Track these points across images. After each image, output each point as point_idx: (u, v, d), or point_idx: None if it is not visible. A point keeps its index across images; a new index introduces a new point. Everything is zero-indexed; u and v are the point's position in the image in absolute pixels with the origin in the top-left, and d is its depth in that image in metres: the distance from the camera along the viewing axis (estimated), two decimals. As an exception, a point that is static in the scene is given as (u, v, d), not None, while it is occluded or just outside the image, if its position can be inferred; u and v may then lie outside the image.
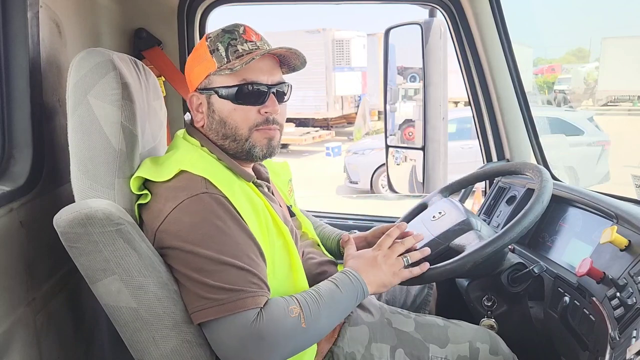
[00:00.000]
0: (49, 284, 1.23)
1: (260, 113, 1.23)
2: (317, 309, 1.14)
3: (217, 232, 1.09)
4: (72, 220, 1.05)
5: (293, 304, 1.13)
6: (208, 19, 2.15)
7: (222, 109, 1.23)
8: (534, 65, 21.92)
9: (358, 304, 1.26)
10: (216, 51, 1.22)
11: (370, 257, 1.31)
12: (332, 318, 1.19)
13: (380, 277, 1.28)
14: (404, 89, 3.21)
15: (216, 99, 1.23)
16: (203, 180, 1.13)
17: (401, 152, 2.67)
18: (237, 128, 1.23)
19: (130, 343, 1.12)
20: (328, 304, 1.17)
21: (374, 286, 1.27)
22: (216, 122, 1.24)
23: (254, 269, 1.10)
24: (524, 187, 1.83)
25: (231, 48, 1.21)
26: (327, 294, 1.18)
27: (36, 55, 1.23)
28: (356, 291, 1.22)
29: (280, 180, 1.50)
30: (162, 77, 2.00)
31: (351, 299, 1.22)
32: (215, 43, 1.22)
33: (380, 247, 1.33)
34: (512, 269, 1.51)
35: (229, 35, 1.23)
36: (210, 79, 1.23)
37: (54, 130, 1.31)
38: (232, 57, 1.21)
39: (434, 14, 2.21)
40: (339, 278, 1.23)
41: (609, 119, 13.64)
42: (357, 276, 1.24)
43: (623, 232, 1.30)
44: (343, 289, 1.20)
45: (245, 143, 1.23)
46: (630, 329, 1.06)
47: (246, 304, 1.07)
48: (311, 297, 1.16)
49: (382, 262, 1.29)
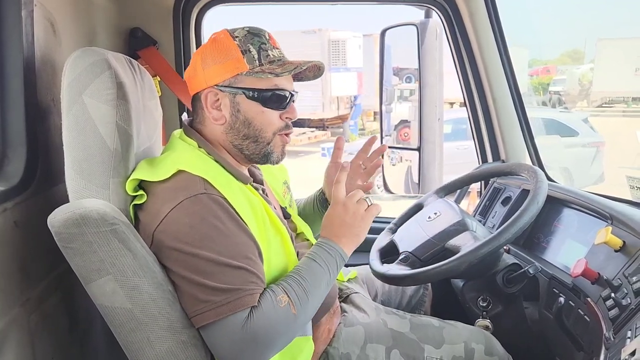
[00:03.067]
0: (43, 284, 1.22)
1: (282, 118, 1.26)
2: (304, 292, 1.14)
3: (217, 233, 1.08)
4: (67, 220, 1.04)
5: (280, 293, 1.12)
6: (204, 19, 2.15)
7: (249, 110, 1.23)
8: (529, 66, 21.98)
9: (339, 270, 1.24)
10: (248, 52, 1.21)
11: (335, 216, 1.25)
12: (318, 296, 1.19)
13: (352, 231, 1.24)
14: (400, 90, 3.21)
15: (243, 99, 1.22)
16: (201, 180, 1.13)
17: (397, 153, 2.67)
18: (262, 131, 1.24)
19: (124, 344, 1.12)
20: (312, 284, 1.16)
21: (349, 245, 1.24)
22: (240, 122, 1.24)
23: (253, 268, 1.10)
24: (519, 188, 1.83)
25: (263, 52, 1.22)
26: (309, 273, 1.17)
27: (30, 54, 1.23)
28: (335, 262, 1.21)
29: (275, 181, 1.50)
30: (158, 77, 1.99)
31: (333, 270, 1.21)
32: (245, 44, 1.22)
33: (336, 201, 1.27)
34: (507, 270, 1.52)
35: (257, 38, 1.23)
36: (238, 78, 1.22)
37: (49, 130, 1.30)
38: (264, 62, 1.22)
39: (429, 14, 2.21)
40: (315, 252, 1.21)
41: (604, 120, 13.70)
42: (332, 245, 1.22)
43: (617, 232, 1.31)
44: (322, 263, 1.19)
45: (267, 146, 1.25)
46: (625, 330, 1.07)
47: (245, 303, 1.07)
48: (295, 281, 1.15)
49: (345, 215, 1.24)
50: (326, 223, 1.27)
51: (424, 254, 1.52)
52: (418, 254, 1.53)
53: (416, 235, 1.60)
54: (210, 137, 1.26)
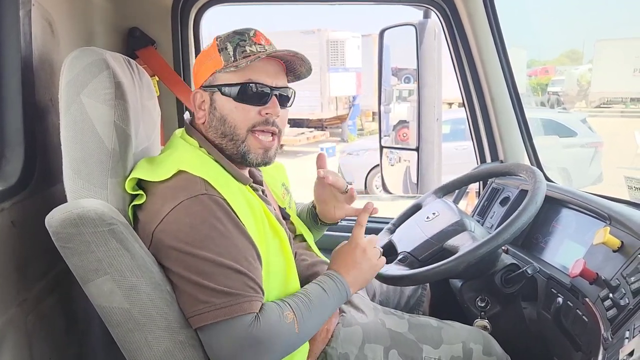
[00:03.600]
0: (40, 285, 1.22)
1: (261, 114, 1.23)
2: (309, 314, 1.17)
3: (217, 234, 1.08)
4: (64, 220, 1.04)
5: (287, 310, 1.14)
6: (202, 19, 2.15)
7: (223, 107, 1.23)
8: (527, 66, 22.00)
9: (340, 305, 1.29)
10: (224, 50, 1.23)
11: (350, 256, 1.31)
12: (319, 321, 1.23)
13: (362, 275, 1.30)
14: (399, 90, 3.22)
15: (219, 96, 1.23)
16: (202, 181, 1.13)
17: (395, 153, 2.67)
18: (236, 127, 1.23)
19: (122, 344, 1.12)
20: (317, 309, 1.20)
21: (356, 286, 1.29)
22: (216, 120, 1.24)
23: (251, 273, 1.10)
24: (517, 188, 1.84)
25: (239, 48, 1.22)
26: (317, 298, 1.21)
27: (28, 54, 1.22)
28: (340, 295, 1.25)
29: (274, 182, 1.49)
30: (156, 76, 1.99)
31: (336, 302, 1.25)
32: (224, 42, 1.24)
33: (357, 243, 1.32)
34: (505, 270, 1.52)
35: (239, 36, 1.24)
36: (215, 76, 1.23)
37: (47, 130, 1.30)
38: (239, 57, 1.22)
39: (428, 15, 2.21)
40: (325, 282, 1.25)
41: (602, 120, 13.70)
42: (341, 280, 1.26)
43: (616, 233, 1.31)
44: (329, 293, 1.23)
45: (241, 145, 1.23)
46: (623, 330, 1.07)
47: (243, 309, 1.07)
48: (303, 302, 1.18)
49: (362, 259, 1.30)
50: (339, 258, 1.31)
51: (422, 254, 1.52)
52: (416, 254, 1.53)
53: (415, 235, 1.60)
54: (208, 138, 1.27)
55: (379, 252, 1.34)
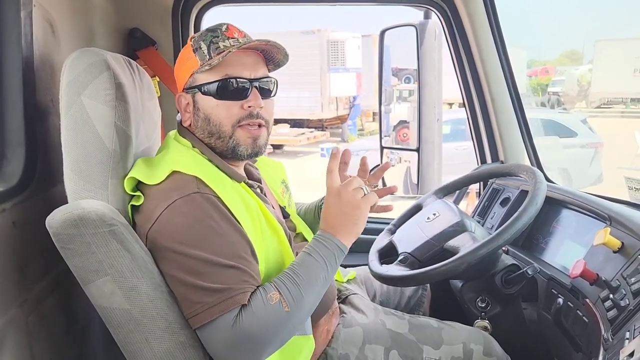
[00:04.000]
0: (41, 285, 1.22)
1: (244, 108, 1.22)
2: (297, 288, 1.10)
3: (210, 233, 1.08)
4: (65, 221, 1.04)
5: (271, 290, 1.09)
6: (203, 20, 2.15)
7: (205, 106, 1.23)
8: (527, 67, 22.01)
9: (340, 263, 1.20)
10: (199, 49, 1.22)
11: (330, 207, 1.21)
12: (314, 291, 1.14)
13: (349, 221, 1.19)
14: (399, 90, 3.22)
15: (200, 97, 1.23)
16: (195, 179, 1.13)
17: (396, 153, 2.68)
18: (221, 124, 1.22)
19: (123, 344, 1.12)
20: (306, 279, 1.12)
21: (348, 236, 1.20)
22: (201, 120, 1.24)
23: (246, 267, 1.09)
24: (517, 188, 1.84)
25: (213, 45, 1.21)
26: (303, 268, 1.14)
27: (29, 55, 1.22)
28: (333, 253, 1.17)
29: (273, 181, 1.49)
30: (157, 77, 1.99)
31: (331, 264, 1.17)
32: (198, 42, 1.23)
33: (330, 191, 1.23)
34: (506, 271, 1.52)
35: (211, 33, 1.23)
36: (194, 77, 1.23)
37: (47, 130, 1.30)
38: (213, 54, 1.21)
39: (428, 15, 2.22)
40: (311, 246, 1.18)
41: (602, 121, 13.70)
42: (328, 237, 1.18)
43: (616, 233, 1.31)
44: (318, 257, 1.15)
45: (230, 141, 1.22)
46: (623, 331, 1.07)
47: (236, 301, 1.05)
48: (288, 277, 1.12)
49: (339, 204, 1.20)
50: (323, 215, 1.23)
51: (423, 254, 1.52)
52: (417, 254, 1.53)
53: (415, 236, 1.60)
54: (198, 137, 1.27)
55: (361, 190, 1.22)
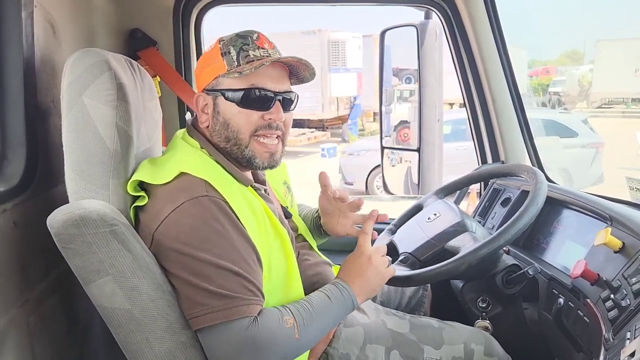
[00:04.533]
0: (42, 285, 1.22)
1: (264, 119, 1.23)
2: (310, 321, 1.15)
3: (217, 236, 1.08)
4: (66, 221, 1.04)
5: (287, 315, 1.13)
6: (204, 20, 2.15)
7: (226, 111, 1.23)
8: (528, 67, 22.00)
9: (347, 315, 1.27)
10: (227, 54, 1.22)
11: (357, 265, 1.29)
12: (322, 329, 1.21)
13: (369, 284, 1.28)
14: (400, 91, 3.21)
15: (222, 101, 1.23)
16: (203, 182, 1.13)
17: (396, 154, 2.67)
18: (239, 132, 1.22)
19: (124, 344, 1.12)
20: (320, 316, 1.18)
21: (363, 296, 1.27)
22: (220, 124, 1.24)
23: (251, 276, 1.10)
24: (518, 189, 1.84)
25: (243, 53, 1.22)
26: (320, 306, 1.19)
27: (30, 55, 1.23)
28: (346, 304, 1.23)
29: (276, 181, 1.49)
30: (158, 77, 1.99)
31: (341, 311, 1.23)
32: (227, 46, 1.23)
33: (362, 252, 1.30)
34: (506, 271, 1.52)
35: (242, 40, 1.23)
36: (218, 80, 1.23)
37: (48, 131, 1.30)
38: (242, 62, 1.21)
39: (429, 15, 2.22)
40: (330, 290, 1.24)
41: (603, 121, 13.69)
42: (347, 289, 1.24)
43: (617, 234, 1.31)
44: (334, 301, 1.21)
45: (246, 150, 1.23)
46: (624, 331, 1.07)
47: (241, 312, 1.07)
48: (304, 308, 1.17)
49: (367, 267, 1.28)
50: (346, 267, 1.30)
51: (423, 254, 1.52)
52: (418, 254, 1.53)
53: (416, 236, 1.60)
54: (210, 139, 1.27)
55: (387, 260, 1.32)
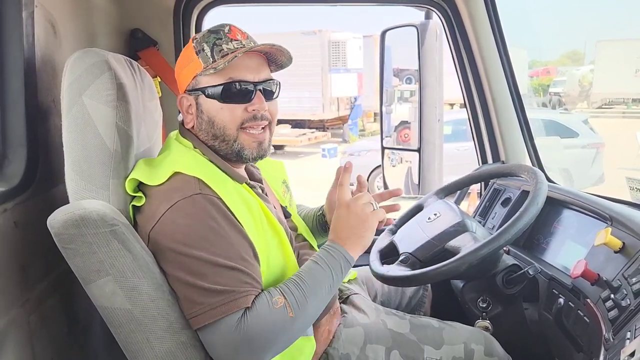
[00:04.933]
0: (43, 285, 1.22)
1: (248, 111, 1.22)
2: (302, 295, 1.13)
3: (211, 234, 1.08)
4: (66, 221, 1.04)
5: (277, 295, 1.11)
6: (204, 20, 2.15)
7: (209, 109, 1.22)
8: (529, 67, 22.00)
9: (346, 274, 1.23)
10: (202, 52, 1.21)
11: (339, 219, 1.25)
12: (319, 299, 1.17)
13: (356, 233, 1.23)
14: (400, 91, 3.21)
15: (204, 99, 1.22)
16: (196, 181, 1.13)
17: (397, 154, 2.67)
18: (225, 128, 1.22)
19: (124, 344, 1.12)
20: (312, 286, 1.15)
21: (356, 248, 1.23)
22: (205, 123, 1.23)
23: (247, 269, 1.10)
24: (519, 189, 1.83)
25: (216, 47, 1.21)
26: (309, 275, 1.16)
27: (31, 55, 1.23)
28: (339, 263, 1.20)
29: (274, 181, 1.49)
30: (158, 77, 1.99)
31: (336, 273, 1.19)
32: (200, 44, 1.22)
33: (341, 203, 1.26)
34: (507, 271, 1.52)
35: (214, 35, 1.22)
36: (197, 79, 1.23)
37: (49, 131, 1.30)
38: (217, 57, 1.20)
39: (430, 16, 2.21)
40: (318, 255, 1.21)
41: (604, 121, 13.70)
42: (336, 247, 1.21)
43: (617, 234, 1.31)
44: (324, 265, 1.18)
45: (234, 144, 1.23)
46: (624, 331, 1.07)
47: (237, 305, 1.06)
48: (293, 283, 1.14)
49: (348, 216, 1.24)
50: (332, 226, 1.27)
51: (424, 255, 1.52)
52: (418, 255, 1.53)
53: (416, 236, 1.60)
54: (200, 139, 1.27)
55: (370, 205, 1.26)
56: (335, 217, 1.27)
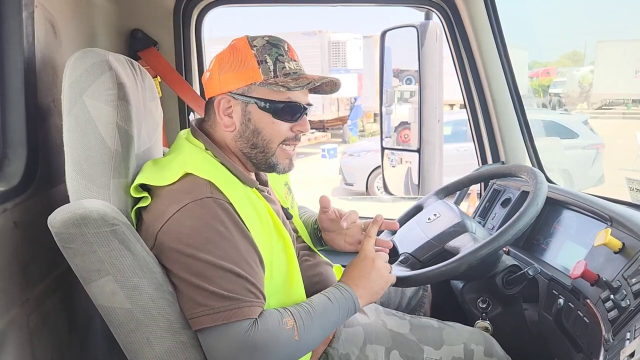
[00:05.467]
0: (43, 285, 1.22)
1: (293, 130, 1.25)
2: (310, 323, 1.16)
3: (219, 238, 1.09)
4: (67, 220, 1.04)
5: (287, 317, 1.14)
6: (204, 20, 2.15)
7: (260, 120, 1.23)
8: (529, 68, 21.97)
9: (349, 318, 1.27)
10: (264, 63, 1.21)
11: (360, 268, 1.30)
12: (323, 331, 1.21)
13: (371, 287, 1.29)
14: (400, 92, 3.21)
15: (255, 109, 1.22)
16: (208, 184, 1.13)
17: (397, 154, 2.67)
18: (270, 141, 1.24)
19: (124, 344, 1.12)
20: (320, 318, 1.19)
21: (365, 298, 1.28)
22: (250, 131, 1.23)
23: (253, 277, 1.10)
24: (518, 189, 1.84)
25: (279, 64, 1.21)
26: (320, 307, 1.20)
27: (31, 55, 1.23)
28: (348, 306, 1.24)
29: (277, 182, 1.50)
30: (158, 77, 1.99)
31: (343, 314, 1.23)
32: (262, 54, 1.21)
33: (366, 255, 1.32)
34: (506, 271, 1.52)
35: (275, 49, 1.23)
36: (251, 87, 1.21)
37: (49, 131, 1.30)
38: (279, 73, 1.21)
39: (429, 16, 2.22)
40: (332, 292, 1.25)
41: (604, 122, 13.71)
42: (349, 291, 1.25)
43: (617, 234, 1.31)
44: (336, 303, 1.22)
45: (272, 157, 1.26)
46: (624, 331, 1.07)
47: (242, 314, 1.07)
48: (305, 310, 1.17)
49: (370, 271, 1.29)
50: (349, 270, 1.31)
51: (423, 255, 1.53)
52: (418, 255, 1.54)
53: (416, 236, 1.60)
54: (219, 141, 1.26)
55: (389, 267, 1.33)
56: (355, 265, 1.31)
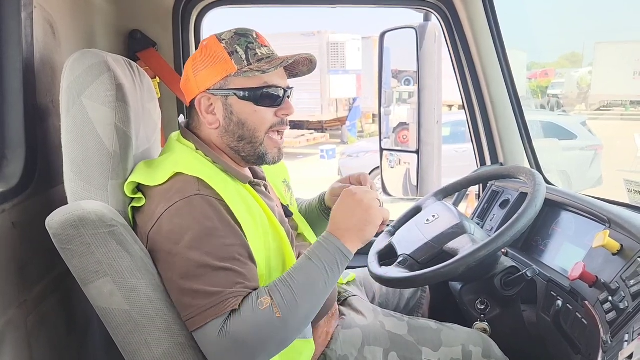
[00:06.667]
0: (41, 286, 1.22)
1: (277, 115, 1.25)
2: (291, 293, 1.07)
3: (205, 234, 1.08)
4: (65, 221, 1.04)
5: (263, 295, 1.06)
6: (203, 21, 2.15)
7: (242, 111, 1.23)
8: (527, 69, 21.98)
9: (344, 268, 1.15)
10: (235, 53, 1.21)
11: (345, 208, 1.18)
12: (312, 297, 1.10)
13: (358, 226, 1.16)
14: (399, 93, 3.21)
15: (236, 101, 1.22)
16: (196, 181, 1.13)
17: (395, 155, 2.67)
18: (256, 130, 1.24)
19: (122, 345, 1.12)
20: (303, 284, 1.09)
21: (354, 241, 1.15)
22: (234, 124, 1.24)
23: (240, 269, 1.08)
24: (517, 191, 1.84)
25: (250, 51, 1.22)
26: (301, 272, 1.11)
27: (30, 56, 1.23)
28: (334, 257, 1.12)
29: (276, 180, 1.49)
30: (157, 78, 1.99)
31: (332, 269, 1.12)
32: (232, 45, 1.22)
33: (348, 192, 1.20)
34: (505, 273, 1.52)
35: (244, 38, 1.23)
36: (227, 80, 1.22)
37: (47, 131, 1.30)
38: (252, 60, 1.22)
39: (428, 18, 2.22)
40: (312, 249, 1.14)
41: (602, 123, 13.73)
42: (332, 240, 1.14)
43: (615, 236, 1.31)
44: (318, 261, 1.11)
45: (260, 147, 1.25)
46: (622, 333, 1.07)
47: (227, 306, 1.04)
48: (282, 281, 1.09)
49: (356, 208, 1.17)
50: (332, 216, 1.20)
51: (422, 256, 1.52)
52: (416, 256, 1.53)
53: (414, 238, 1.60)
54: (207, 141, 1.27)
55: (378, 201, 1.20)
56: (337, 206, 1.20)
